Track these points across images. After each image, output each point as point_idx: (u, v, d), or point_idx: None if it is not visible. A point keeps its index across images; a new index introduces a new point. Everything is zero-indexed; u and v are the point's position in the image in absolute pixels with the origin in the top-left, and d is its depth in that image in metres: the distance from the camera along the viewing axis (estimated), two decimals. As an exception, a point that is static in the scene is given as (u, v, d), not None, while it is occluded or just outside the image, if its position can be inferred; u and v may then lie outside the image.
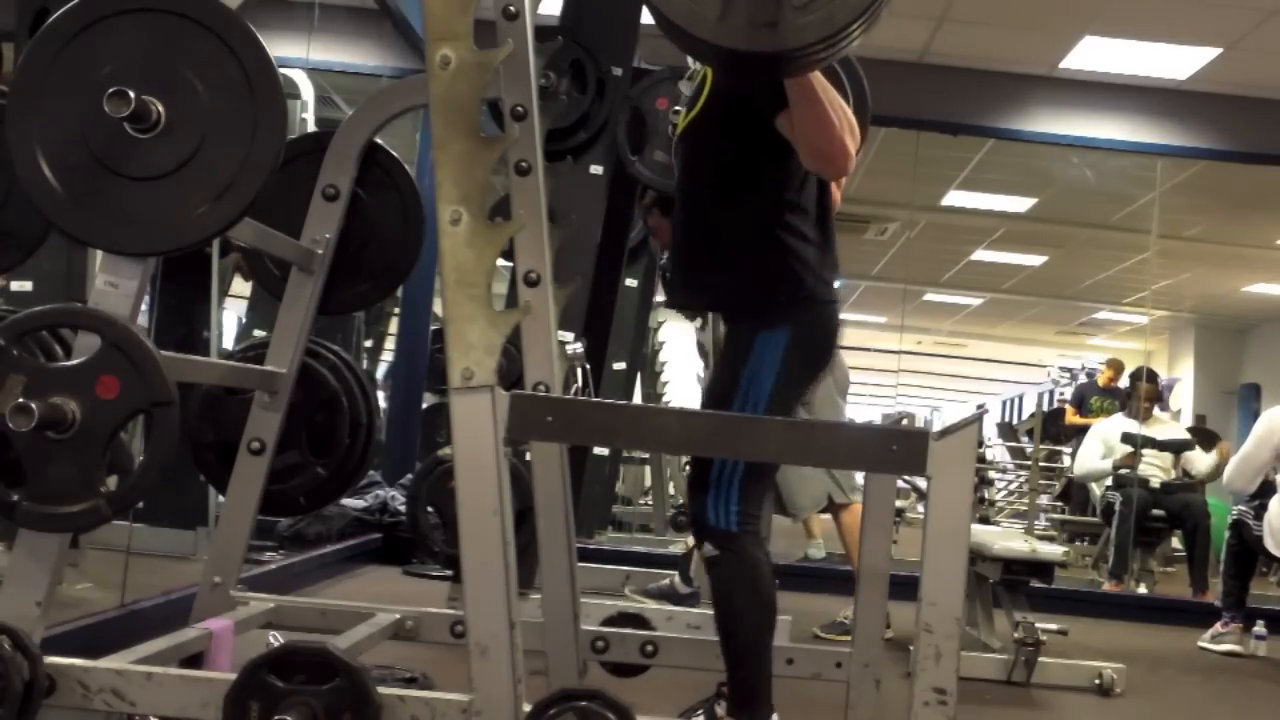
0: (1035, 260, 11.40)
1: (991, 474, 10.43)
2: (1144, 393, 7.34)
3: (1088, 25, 6.05)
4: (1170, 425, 7.77)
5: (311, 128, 5.63)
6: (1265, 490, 5.30)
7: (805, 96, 2.00)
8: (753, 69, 1.92)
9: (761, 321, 2.21)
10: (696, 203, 2.34)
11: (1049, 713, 3.90)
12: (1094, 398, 9.15)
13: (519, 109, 2.26)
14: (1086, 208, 9.42)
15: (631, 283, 6.54)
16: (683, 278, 2.41)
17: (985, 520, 8.19)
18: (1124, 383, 9.02)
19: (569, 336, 2.53)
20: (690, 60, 2.85)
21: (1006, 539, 4.41)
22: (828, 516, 5.13)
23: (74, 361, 1.86)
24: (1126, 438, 7.14)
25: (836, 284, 2.31)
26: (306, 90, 5.79)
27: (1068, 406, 9.79)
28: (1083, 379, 10.60)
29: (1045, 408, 10.92)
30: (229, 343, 5.22)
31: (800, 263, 2.23)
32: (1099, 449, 7.30)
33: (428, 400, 6.87)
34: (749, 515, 2.20)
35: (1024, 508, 9.81)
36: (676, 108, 3.66)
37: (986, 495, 9.45)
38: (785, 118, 2.08)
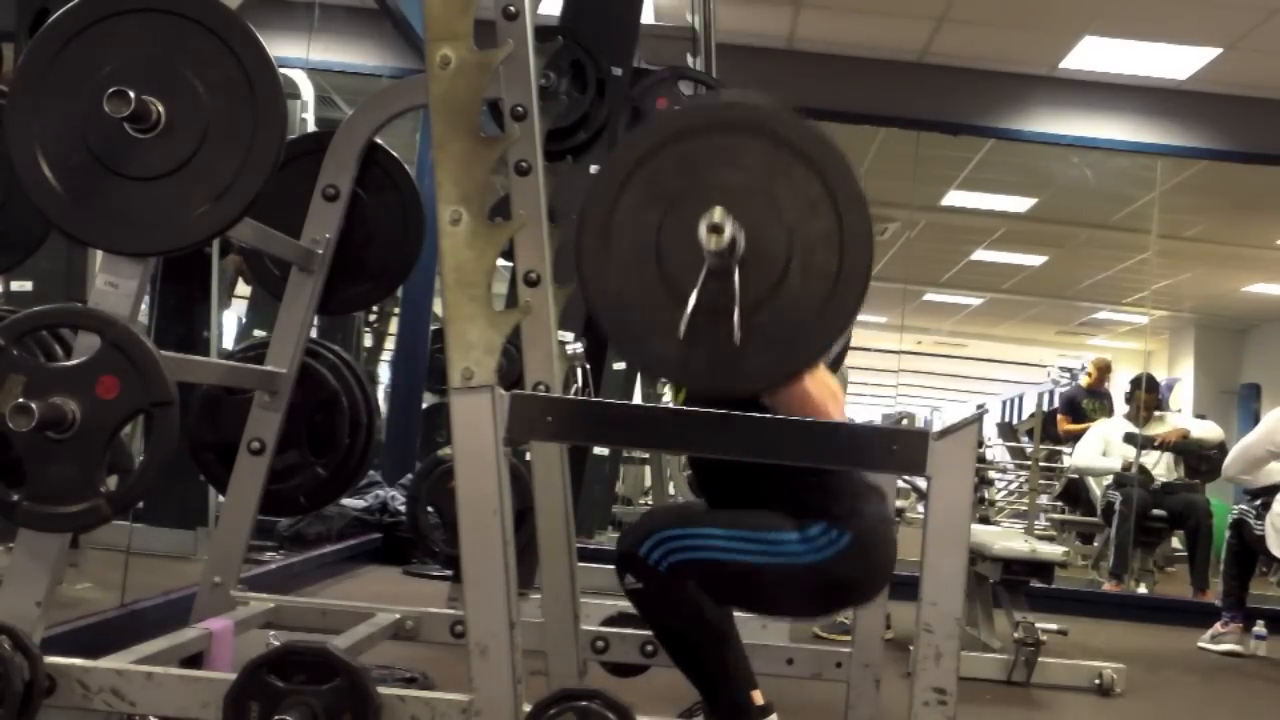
0: (1035, 260, 11.40)
1: (991, 474, 10.42)
2: (1144, 401, 7.35)
3: (1088, 25, 6.05)
4: (1169, 427, 7.77)
5: (311, 128, 5.64)
6: (1268, 490, 5.30)
7: (781, 397, 1.92)
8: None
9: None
10: (719, 473, 2.21)
11: (1049, 713, 3.90)
12: (1084, 400, 9.08)
13: (519, 109, 2.26)
14: (1086, 208, 9.42)
15: (631, 283, 6.54)
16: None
17: (985, 520, 8.19)
18: (1114, 385, 9.01)
19: (569, 336, 2.53)
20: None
21: (1006, 539, 4.42)
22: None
23: (74, 361, 1.85)
24: (1129, 437, 7.14)
25: (879, 506, 2.19)
26: (306, 90, 5.80)
27: (1059, 415, 9.58)
28: (1065, 384, 10.45)
29: (1045, 408, 10.87)
30: (229, 343, 5.22)
31: (844, 496, 2.12)
32: (1099, 445, 7.31)
33: (428, 400, 6.87)
34: (683, 576, 2.03)
35: (1024, 508, 9.80)
36: None
37: (986, 495, 9.45)
38: (768, 397, 1.97)
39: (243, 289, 5.82)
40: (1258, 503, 5.32)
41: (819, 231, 1.59)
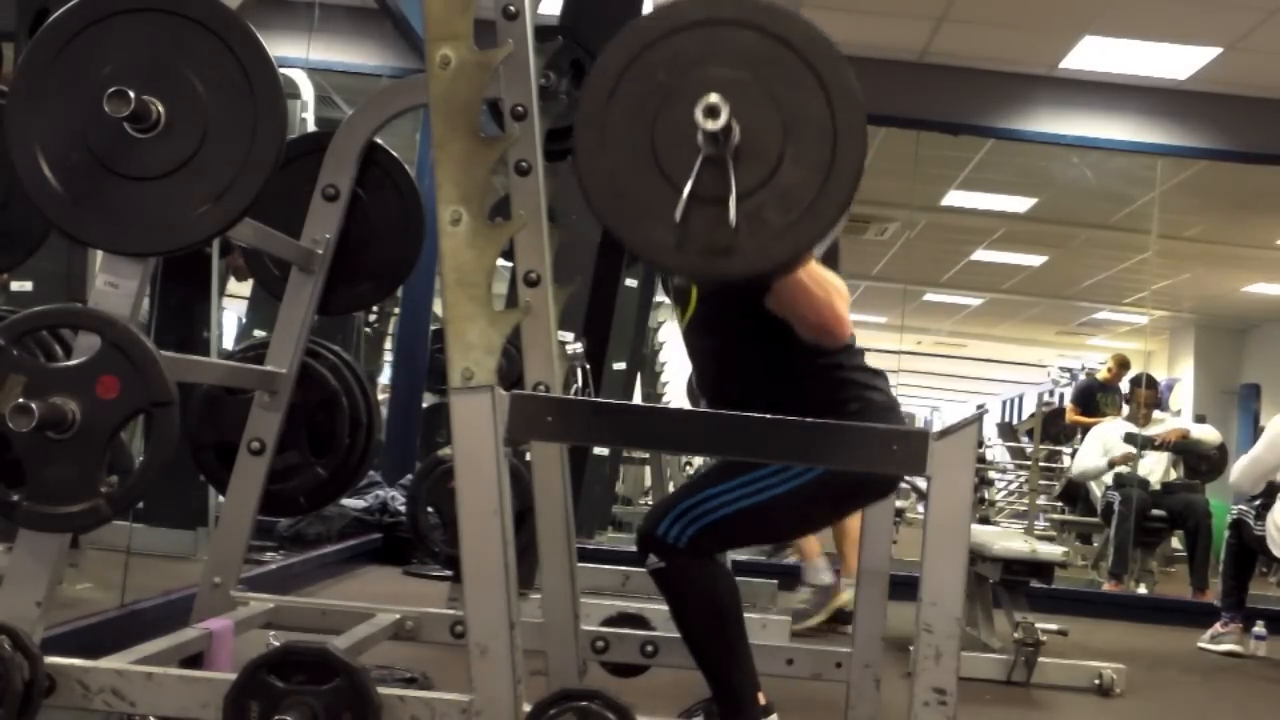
0: (1035, 260, 11.40)
1: (991, 474, 10.43)
2: (1143, 399, 7.35)
3: (1088, 25, 6.05)
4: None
5: (311, 128, 5.64)
6: (1267, 490, 5.30)
7: (783, 289, 1.97)
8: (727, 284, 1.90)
9: None
10: (729, 381, 2.29)
11: (1049, 713, 3.90)
12: (1099, 394, 9.05)
13: (519, 109, 2.26)
14: (1086, 208, 9.42)
15: (631, 283, 6.54)
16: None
17: (985, 520, 8.20)
18: (1125, 384, 9.00)
19: (569, 336, 2.53)
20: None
21: (1006, 539, 4.42)
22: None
23: (74, 361, 1.85)
24: (1129, 438, 7.15)
25: (886, 387, 2.27)
26: (306, 90, 5.80)
27: (1069, 405, 9.59)
28: (1082, 377, 10.47)
29: (1044, 408, 10.85)
30: (229, 343, 5.22)
31: (850, 385, 2.21)
32: (1098, 450, 7.31)
33: (428, 400, 6.87)
34: (704, 544, 2.13)
35: (1024, 508, 9.80)
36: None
37: (986, 495, 9.46)
38: (771, 299, 2.04)
39: (245, 289, 5.82)
40: (1257, 503, 5.32)
41: (812, 123, 1.61)
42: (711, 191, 1.61)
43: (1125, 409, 7.86)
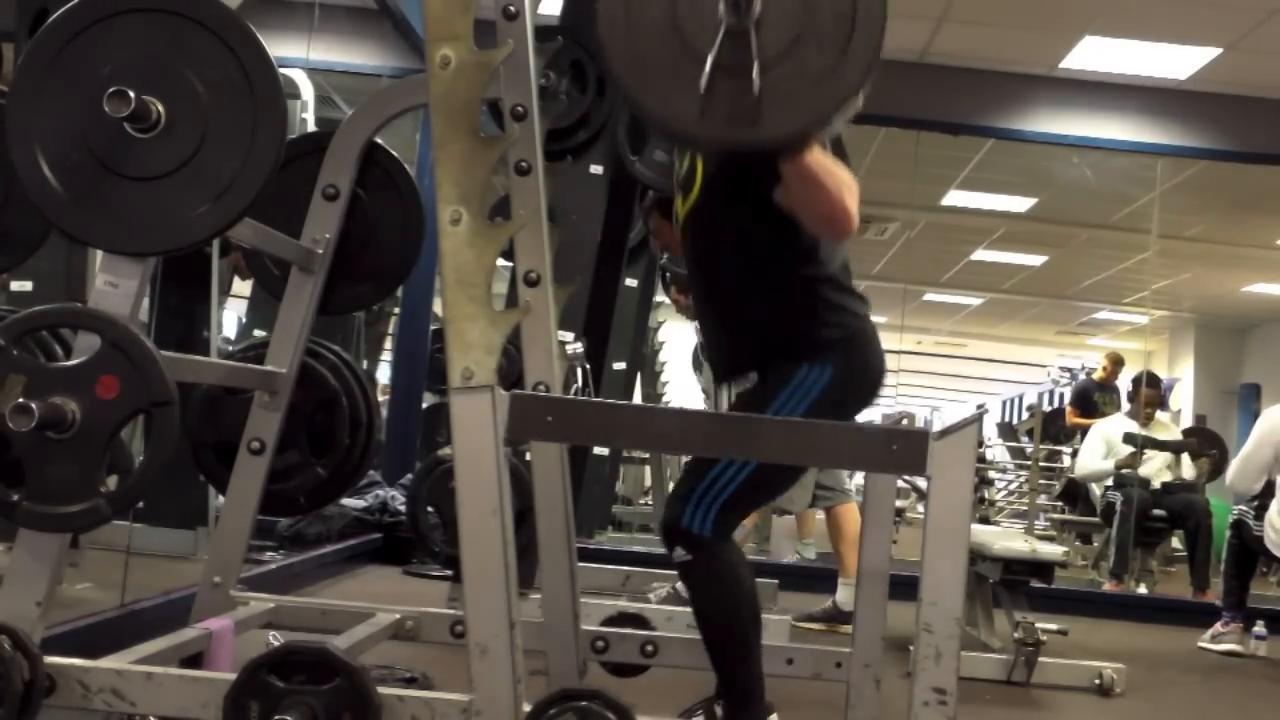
0: (1035, 260, 11.40)
1: (991, 474, 10.43)
2: (1146, 397, 7.34)
3: (1088, 25, 6.05)
4: (1170, 429, 7.78)
5: (311, 128, 5.64)
6: (1266, 490, 5.30)
7: (797, 172, 1.98)
8: (738, 158, 1.92)
9: (811, 358, 2.20)
10: (720, 284, 2.33)
11: (1049, 713, 3.90)
12: (1096, 394, 9.06)
13: (519, 109, 2.26)
14: (1086, 208, 9.42)
15: (631, 283, 6.54)
16: (726, 358, 2.41)
17: (985, 520, 8.19)
18: (1123, 380, 9.00)
19: (569, 336, 2.53)
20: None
21: (1006, 539, 4.42)
22: (822, 515, 5.14)
23: (74, 361, 1.86)
24: (1128, 438, 7.14)
25: (868, 313, 2.32)
26: (306, 90, 5.79)
27: (1068, 407, 9.60)
28: (1081, 377, 10.48)
29: (1045, 407, 10.84)
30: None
31: (835, 309, 2.24)
32: (1100, 449, 7.29)
33: (428, 400, 6.87)
34: (727, 524, 2.18)
35: (1024, 508, 9.80)
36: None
37: (986, 495, 9.45)
38: (782, 190, 2.06)
39: (245, 289, 5.82)
40: (1256, 503, 5.32)
41: (832, 4, 1.67)
42: (733, 61, 1.65)
43: (1125, 406, 7.86)
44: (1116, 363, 9.13)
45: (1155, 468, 7.18)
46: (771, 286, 2.23)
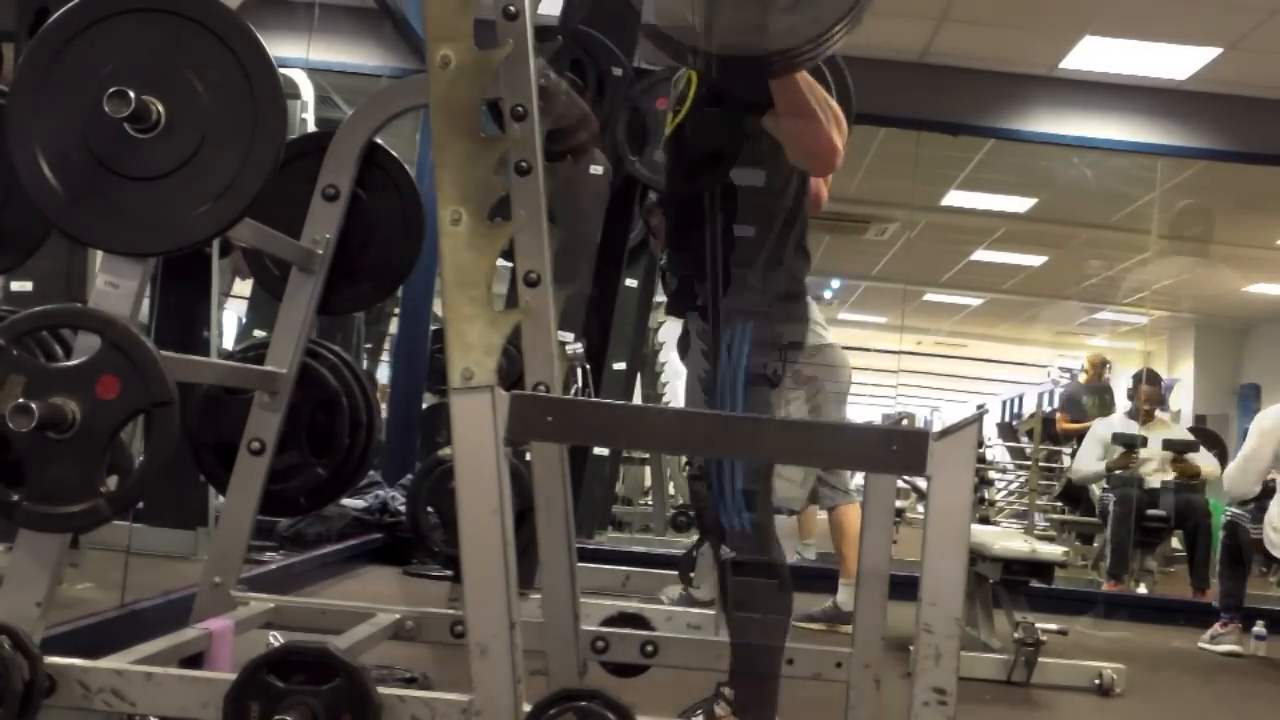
0: (1035, 260, 11.40)
1: (991, 474, 10.42)
2: (1146, 395, 7.33)
3: (1088, 25, 6.06)
4: (1171, 428, 7.77)
5: (311, 128, 5.64)
6: (1264, 492, 5.30)
7: (791, 95, 2.01)
8: (740, 72, 1.94)
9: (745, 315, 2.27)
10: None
11: (1049, 713, 3.90)
12: (1084, 397, 9.06)
13: (519, 109, 2.26)
14: (1086, 208, 9.42)
15: (631, 283, 6.54)
16: (680, 274, 2.48)
17: (985, 520, 8.19)
18: (1115, 380, 9.00)
19: (569, 337, 2.53)
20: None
21: (1006, 539, 4.42)
22: (824, 516, 5.14)
23: (74, 361, 1.86)
24: (1118, 438, 7.12)
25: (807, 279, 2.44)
26: (306, 90, 5.79)
27: (1058, 414, 9.57)
28: (1065, 382, 10.46)
29: (1045, 408, 10.84)
30: (229, 343, 5.22)
31: (796, 278, 2.32)
32: (1097, 451, 7.28)
33: (428, 400, 6.86)
34: (760, 513, 2.24)
35: (1024, 508, 9.80)
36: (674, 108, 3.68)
37: (986, 495, 9.45)
38: (771, 117, 2.09)
39: (245, 289, 5.82)
40: (1251, 505, 5.32)
41: None
42: None
43: (1120, 405, 7.85)
44: (1097, 364, 9.14)
45: (1152, 468, 7.18)
46: (735, 226, 2.31)
